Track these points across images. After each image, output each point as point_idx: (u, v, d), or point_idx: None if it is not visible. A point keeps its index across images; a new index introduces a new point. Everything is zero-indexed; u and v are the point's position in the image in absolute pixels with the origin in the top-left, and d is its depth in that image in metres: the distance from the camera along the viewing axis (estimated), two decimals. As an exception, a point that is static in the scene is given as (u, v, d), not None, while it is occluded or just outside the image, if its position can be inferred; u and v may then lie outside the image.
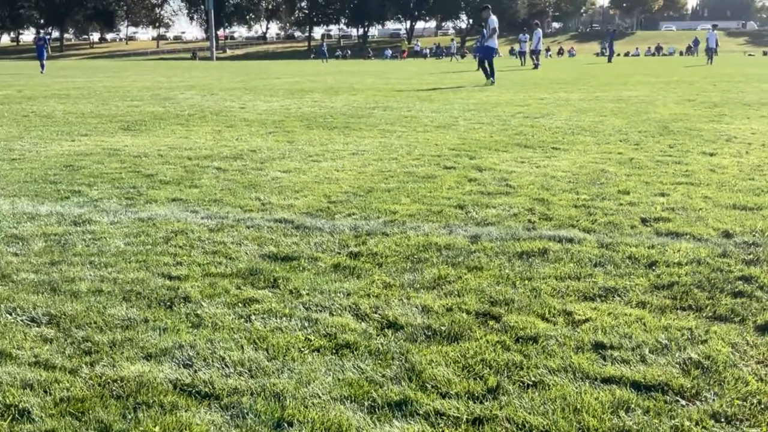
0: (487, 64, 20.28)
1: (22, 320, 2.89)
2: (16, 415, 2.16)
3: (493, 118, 10.65)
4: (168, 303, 3.09)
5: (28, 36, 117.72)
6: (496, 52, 22.48)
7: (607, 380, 2.39)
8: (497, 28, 20.50)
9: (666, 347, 2.64)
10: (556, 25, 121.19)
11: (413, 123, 10.12)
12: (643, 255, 3.76)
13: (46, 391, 2.30)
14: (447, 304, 3.09)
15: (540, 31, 33.80)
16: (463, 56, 66.27)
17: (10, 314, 2.94)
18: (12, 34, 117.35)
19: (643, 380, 2.38)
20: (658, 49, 78.58)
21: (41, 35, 36.15)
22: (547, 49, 73.94)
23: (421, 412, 2.19)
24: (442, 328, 2.82)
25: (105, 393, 2.30)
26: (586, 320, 2.89)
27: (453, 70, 34.14)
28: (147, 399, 2.26)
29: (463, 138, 8.46)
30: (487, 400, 2.26)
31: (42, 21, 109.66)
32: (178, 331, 2.78)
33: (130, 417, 2.15)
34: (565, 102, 13.63)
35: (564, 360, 2.52)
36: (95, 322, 2.86)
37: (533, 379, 2.39)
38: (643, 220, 4.51)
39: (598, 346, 2.65)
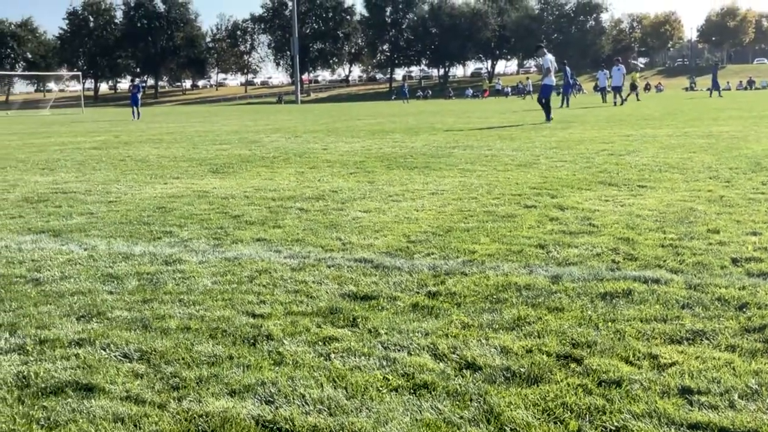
0: (544, 102, 20.25)
1: (115, 356, 3.02)
2: (109, 447, 2.26)
3: (576, 156, 10.51)
4: (252, 340, 3.17)
5: (124, 84, 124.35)
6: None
7: (694, 426, 2.30)
8: (550, 68, 20.52)
9: (756, 392, 2.53)
10: (642, 60, 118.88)
11: (494, 162, 10.11)
12: (734, 296, 3.62)
13: (136, 425, 2.40)
14: (527, 345, 3.05)
15: (622, 67, 33.24)
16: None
17: (104, 350, 3.09)
18: (110, 83, 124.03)
19: (731, 427, 2.28)
20: (750, 83, 75.90)
21: (136, 83, 37.92)
22: (633, 86, 72.63)
23: (499, 455, 2.16)
24: (522, 369, 2.79)
25: (191, 428, 2.37)
26: (673, 364, 2.80)
27: (535, 108, 33.95)
28: (230, 434, 2.32)
29: (544, 176, 8.39)
30: (567, 445, 2.22)
31: (138, 69, 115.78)
32: (261, 368, 2.85)
33: (214, 451, 2.21)
34: (652, 138, 13.33)
35: (649, 405, 2.45)
36: (183, 359, 2.97)
37: (616, 424, 2.33)
38: (734, 261, 4.34)
39: (685, 391, 2.56)
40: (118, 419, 2.44)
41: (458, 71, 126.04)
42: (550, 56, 20.60)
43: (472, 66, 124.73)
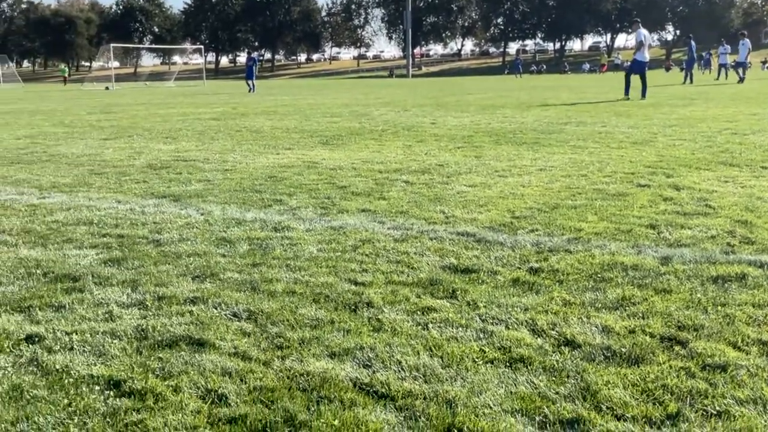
0: (640, 78, 19.27)
1: (225, 314, 3.19)
2: (215, 399, 2.40)
3: (697, 135, 10.03)
4: (353, 307, 3.27)
5: (243, 57, 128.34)
6: (698, 64, 21.58)
7: (804, 418, 2.20)
8: (643, 42, 19.45)
9: None
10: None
11: (607, 139, 9.79)
12: None
13: (242, 380, 2.54)
14: (630, 325, 2.99)
15: (747, 41, 31.09)
16: (667, 69, 62.81)
17: (216, 308, 3.26)
18: (230, 56, 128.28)
19: None
20: None
21: (252, 56, 38.75)
22: (764, 61, 68.02)
23: (593, 432, 2.15)
24: (623, 349, 2.74)
25: (292, 385, 2.49)
26: (786, 352, 2.67)
27: (655, 83, 32.48)
28: (329, 394, 2.42)
29: (660, 155, 8.06)
30: (665, 427, 2.17)
31: (256, 43, 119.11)
32: (360, 334, 2.94)
33: (313, 409, 2.32)
34: (782, 117, 12.50)
35: (754, 391, 2.35)
36: (288, 320, 3.10)
37: (718, 408, 2.26)
38: None
39: (798, 381, 2.44)
40: (226, 373, 2.59)
41: (575, 45, 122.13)
42: (643, 31, 19.60)
43: (590, 39, 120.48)
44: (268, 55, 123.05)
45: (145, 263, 4.01)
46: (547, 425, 2.20)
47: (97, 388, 2.48)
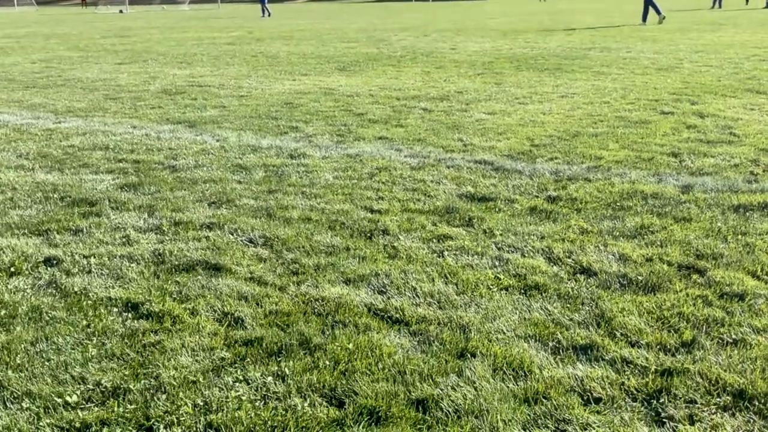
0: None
1: (241, 240, 3.20)
2: (232, 322, 2.43)
3: (724, 61, 9.74)
4: (368, 234, 3.26)
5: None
6: None
7: (822, 347, 2.18)
8: None
9: None
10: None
11: (631, 65, 9.55)
12: None
13: (258, 304, 2.56)
14: (647, 254, 2.96)
15: None
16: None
17: (232, 234, 3.27)
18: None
19: None
20: None
21: None
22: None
23: (607, 358, 2.15)
24: (639, 277, 2.72)
25: (308, 310, 2.50)
26: (806, 282, 2.64)
27: (683, 8, 31.48)
28: (343, 318, 2.43)
29: (686, 82, 7.86)
30: (679, 354, 2.17)
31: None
32: (376, 261, 2.94)
33: (327, 333, 2.33)
34: (813, 43, 12.10)
35: (772, 321, 2.34)
36: (303, 247, 3.10)
37: (734, 336, 2.25)
38: None
39: (816, 311, 2.41)
40: (242, 297, 2.61)
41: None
42: None
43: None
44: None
45: (162, 189, 4.01)
46: (560, 350, 2.21)
47: (115, 310, 2.51)
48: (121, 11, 43.59)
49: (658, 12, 18.74)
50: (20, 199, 3.84)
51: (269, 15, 31.40)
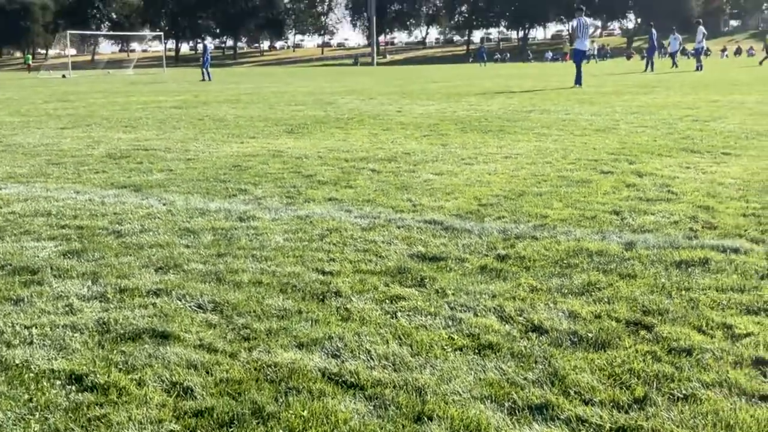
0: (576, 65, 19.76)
1: (190, 306, 3.14)
2: (181, 392, 2.36)
3: (658, 122, 10.16)
4: (320, 296, 3.24)
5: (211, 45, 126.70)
6: (586, 55, 22.23)
7: (766, 398, 2.23)
8: (577, 31, 19.88)
9: (840, 369, 2.42)
10: (733, 23, 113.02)
11: (571, 126, 9.87)
12: (820, 269, 3.46)
13: (208, 372, 2.50)
14: (596, 310, 3.01)
15: (702, 29, 31.45)
16: (629, 57, 63.65)
17: (180, 300, 3.21)
18: (191, 43, 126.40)
19: (810, 402, 2.20)
20: None
21: (205, 42, 38.18)
22: (723, 49, 69.27)
23: (562, 417, 2.16)
24: (589, 334, 2.75)
25: (260, 377, 2.45)
26: (748, 335, 2.71)
27: (616, 71, 32.87)
28: (297, 384, 2.39)
29: (623, 142, 8.15)
30: (632, 410, 2.19)
31: (217, 30, 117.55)
32: (329, 323, 2.91)
33: (281, 400, 2.28)
34: (740, 105, 12.74)
35: (720, 374, 2.38)
36: (254, 311, 3.06)
37: (684, 392, 2.28)
38: (822, 232, 4.14)
39: (759, 362, 2.48)
40: (192, 366, 2.54)
41: (538, 33, 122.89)
42: (582, 19, 19.86)
43: (553, 28, 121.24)
44: (230, 43, 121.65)
45: (106, 255, 3.92)
46: (516, 411, 2.21)
47: (58, 382, 2.42)
48: (64, 76, 43.22)
49: (577, 81, 19.65)
50: (-43, 268, 3.70)
51: (209, 79, 31.48)
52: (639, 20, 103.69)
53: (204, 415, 2.19)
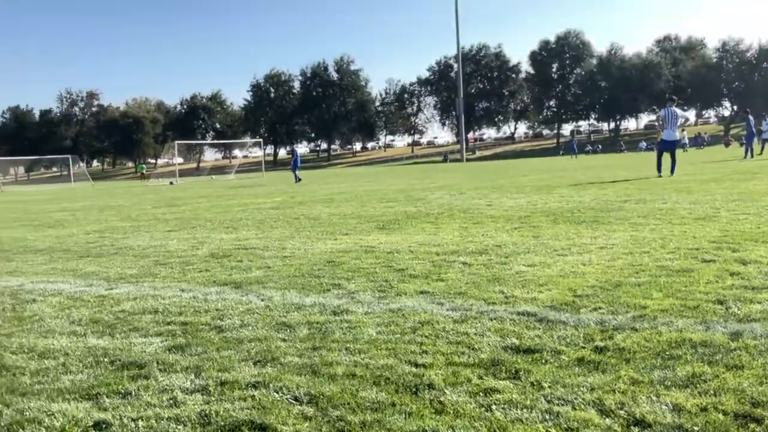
0: (670, 156, 19.43)
1: (287, 398, 3.20)
2: (279, 482, 2.39)
3: (761, 209, 9.78)
4: (414, 389, 3.24)
5: (301, 149, 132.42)
6: (678, 144, 21.84)
7: None
8: (666, 120, 19.56)
9: None
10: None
11: (669, 215, 9.63)
12: None
13: (304, 463, 2.52)
14: (701, 403, 2.88)
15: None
16: (727, 145, 62.01)
17: (277, 393, 3.28)
18: (288, 148, 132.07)
19: None
20: None
21: (294, 148, 40.18)
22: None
23: None
24: (695, 428, 2.63)
25: (354, 469, 2.46)
26: None
27: (715, 159, 32.01)
28: (391, 477, 2.38)
29: (725, 230, 7.87)
30: None
31: (313, 135, 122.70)
32: (422, 416, 2.90)
33: (375, 493, 2.28)
34: None
35: (842, 472, 2.22)
36: (349, 403, 3.09)
37: (803, 490, 2.13)
38: None
39: None
40: (288, 457, 2.58)
41: (630, 124, 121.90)
42: (671, 109, 19.57)
43: (645, 118, 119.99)
44: (324, 146, 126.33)
45: (208, 349, 4.07)
46: None
47: (162, 472, 2.50)
48: (171, 183, 45.83)
49: (658, 169, 19.40)
50: (72, 364, 3.93)
51: (299, 180, 32.70)
52: (735, 107, 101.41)
53: (300, 507, 2.21)
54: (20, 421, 3.05)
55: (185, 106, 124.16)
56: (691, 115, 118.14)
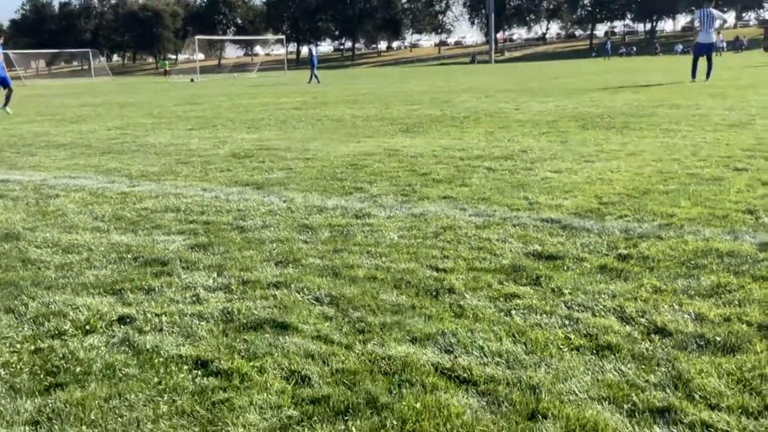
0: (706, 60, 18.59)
1: (308, 299, 3.23)
2: (299, 380, 2.43)
3: (798, 116, 9.48)
4: (434, 293, 3.24)
5: (324, 47, 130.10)
6: (715, 47, 20.81)
7: None
8: (702, 21, 18.59)
9: None
10: None
11: (701, 122, 9.38)
12: None
13: (324, 362, 2.56)
14: (725, 313, 2.85)
15: None
16: (766, 49, 59.84)
17: (299, 293, 3.30)
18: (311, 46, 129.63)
19: None
20: None
21: (309, 47, 39.18)
22: None
23: (685, 422, 2.06)
24: (717, 338, 2.61)
25: (374, 368, 2.49)
26: None
27: (753, 64, 30.95)
28: (410, 378, 2.40)
29: (759, 138, 7.66)
30: (763, 417, 2.06)
31: (337, 32, 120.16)
32: (442, 319, 2.91)
33: (395, 392, 2.31)
34: None
35: None
36: (369, 305, 3.10)
37: (824, 402, 2.12)
38: None
39: None
40: (309, 355, 2.61)
41: (667, 26, 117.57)
42: (707, 10, 18.58)
43: (682, 19, 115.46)
44: (348, 44, 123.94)
45: (230, 249, 4.10)
46: (636, 413, 2.12)
47: (185, 367, 2.55)
48: (192, 80, 45.48)
49: (693, 74, 18.67)
50: (96, 259, 3.98)
51: (318, 81, 32.11)
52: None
53: (321, 403, 2.25)
54: (45, 314, 3.11)
55: (206, 0, 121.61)
56: (730, 17, 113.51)
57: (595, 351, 2.56)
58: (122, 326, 2.97)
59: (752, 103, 11.60)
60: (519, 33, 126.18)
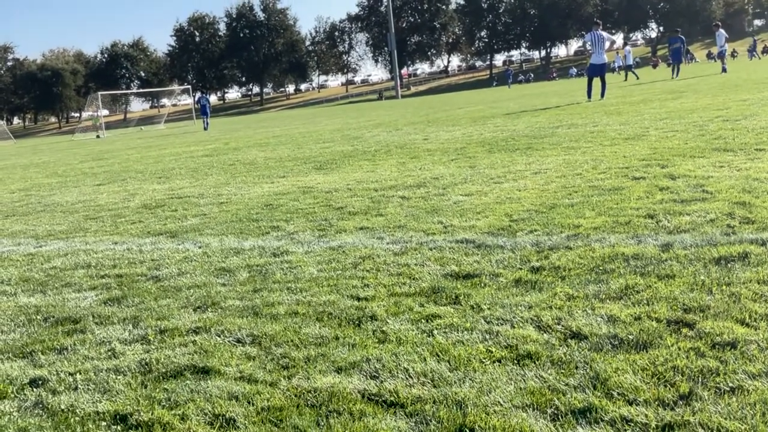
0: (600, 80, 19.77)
1: (229, 341, 3.17)
2: (223, 423, 2.37)
3: (689, 125, 10.04)
4: (356, 321, 3.24)
5: (232, 94, 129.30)
6: (610, 67, 22.32)
7: (819, 385, 2.17)
8: (592, 44, 19.98)
9: None
10: (758, 22, 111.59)
11: (599, 137, 9.81)
12: None
13: (249, 402, 2.51)
14: (635, 313, 2.97)
15: (722, 32, 31.03)
16: (654, 66, 63.22)
17: (219, 336, 3.24)
18: (218, 93, 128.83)
19: None
20: None
21: (201, 95, 39.11)
22: (750, 49, 68.33)
23: (606, 419, 2.12)
24: (630, 336, 2.71)
25: (301, 402, 2.46)
26: (794, 324, 2.64)
27: (643, 81, 32.61)
28: (338, 407, 2.39)
29: (654, 148, 8.06)
30: (678, 407, 2.14)
31: (243, 78, 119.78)
32: (366, 347, 2.91)
33: (323, 423, 2.29)
34: (770, 100, 12.53)
35: (766, 364, 2.33)
36: (292, 341, 3.07)
37: (730, 384, 2.23)
38: None
39: (809, 351, 2.41)
40: (233, 397, 2.56)
41: (561, 51, 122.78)
42: (596, 33, 19.81)
43: (575, 44, 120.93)
44: (256, 90, 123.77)
45: (146, 299, 3.99)
46: (559, 416, 2.17)
47: (103, 423, 2.45)
48: (98, 136, 44.34)
49: (588, 95, 19.67)
50: (3, 324, 3.80)
51: (205, 128, 31.87)
52: (661, 29, 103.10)
53: (247, 444, 2.20)
54: (-49, 385, 2.94)
55: (106, 55, 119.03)
56: (618, 38, 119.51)
57: (516, 361, 2.62)
58: (34, 389, 2.84)
59: (645, 117, 12.21)
60: (422, 68, 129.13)
